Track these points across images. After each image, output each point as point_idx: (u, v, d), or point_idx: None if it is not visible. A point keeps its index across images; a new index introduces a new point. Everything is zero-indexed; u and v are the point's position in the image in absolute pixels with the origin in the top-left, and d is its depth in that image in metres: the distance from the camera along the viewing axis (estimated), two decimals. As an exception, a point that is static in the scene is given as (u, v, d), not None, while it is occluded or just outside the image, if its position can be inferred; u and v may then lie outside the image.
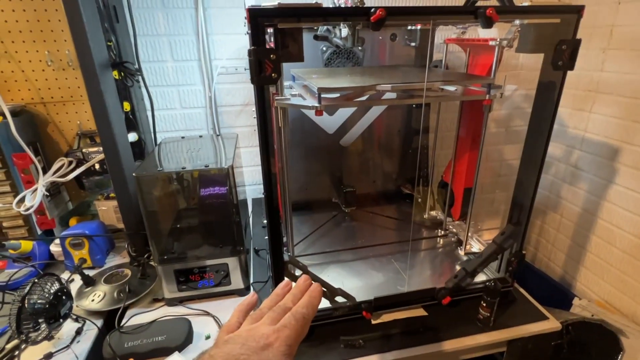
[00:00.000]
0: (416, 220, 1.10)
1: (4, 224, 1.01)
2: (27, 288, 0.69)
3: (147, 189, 0.72)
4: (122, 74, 0.92)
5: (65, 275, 0.93)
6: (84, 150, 1.06)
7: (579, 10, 0.64)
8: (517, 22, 0.68)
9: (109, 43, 0.91)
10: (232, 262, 0.82)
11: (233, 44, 1.17)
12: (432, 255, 0.98)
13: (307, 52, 0.61)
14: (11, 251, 0.93)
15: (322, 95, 0.66)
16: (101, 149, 1.06)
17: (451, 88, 0.78)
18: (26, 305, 0.68)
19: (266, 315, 0.38)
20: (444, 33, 1.10)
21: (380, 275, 0.87)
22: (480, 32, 1.01)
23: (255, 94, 0.61)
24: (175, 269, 0.79)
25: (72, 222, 1.09)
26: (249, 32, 0.58)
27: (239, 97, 1.24)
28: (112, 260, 1.02)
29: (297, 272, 0.76)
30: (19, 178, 0.98)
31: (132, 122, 1.04)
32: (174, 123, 1.24)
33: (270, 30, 0.58)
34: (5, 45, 0.99)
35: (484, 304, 0.76)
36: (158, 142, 1.13)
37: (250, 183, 1.36)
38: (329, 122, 1.14)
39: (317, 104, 0.65)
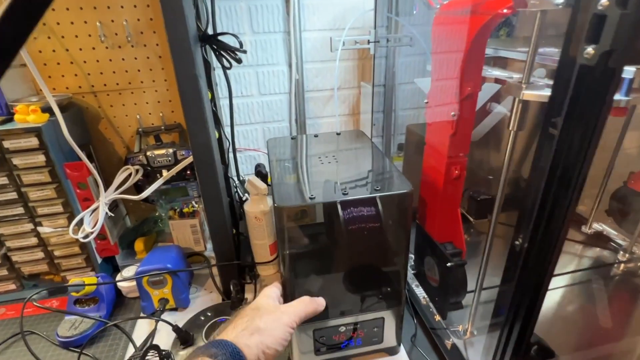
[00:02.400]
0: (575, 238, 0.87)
1: (56, 253, 0.78)
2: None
3: (289, 223, 0.49)
4: (217, 52, 0.66)
5: (145, 327, 0.71)
6: (148, 153, 0.82)
7: None
8: None
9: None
10: (390, 316, 0.59)
11: (330, 9, 0.90)
12: (610, 288, 0.75)
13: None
14: (73, 294, 0.70)
15: None
16: (170, 150, 0.82)
17: None
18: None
19: None
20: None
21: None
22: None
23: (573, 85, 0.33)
24: (316, 328, 0.57)
25: (139, 245, 0.85)
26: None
27: (329, 80, 0.98)
28: (196, 296, 0.79)
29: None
30: (73, 195, 0.74)
31: (215, 115, 0.79)
32: (250, 114, 0.99)
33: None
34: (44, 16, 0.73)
35: None
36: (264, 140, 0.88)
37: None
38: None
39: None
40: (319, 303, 0.52)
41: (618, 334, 0.64)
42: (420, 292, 0.71)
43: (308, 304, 0.50)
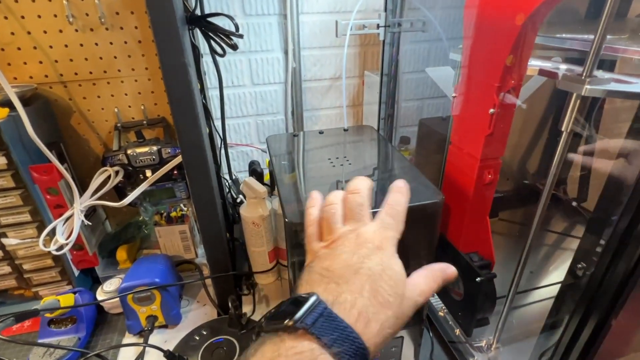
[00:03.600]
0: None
1: (26, 267, 0.69)
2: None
3: (300, 243, 0.42)
4: (208, 36, 0.57)
5: (131, 350, 0.63)
6: (128, 151, 0.72)
7: None
8: None
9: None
10: (409, 335, 0.53)
11: (330, -10, 0.81)
12: None
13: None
14: (47, 315, 0.61)
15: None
16: (154, 148, 0.73)
17: None
18: None
19: (351, 217, 0.32)
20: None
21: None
22: None
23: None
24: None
25: (121, 254, 0.77)
26: None
27: (329, 68, 0.90)
28: (188, 310, 0.72)
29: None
30: (43, 201, 0.64)
31: (205, 109, 0.70)
32: (242, 106, 0.90)
33: None
34: (-2, -10, 0.62)
35: None
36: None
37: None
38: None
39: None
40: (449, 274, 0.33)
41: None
42: (436, 302, 0.65)
43: (438, 279, 0.32)
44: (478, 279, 0.49)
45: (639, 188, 0.29)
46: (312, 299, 0.25)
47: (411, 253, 0.47)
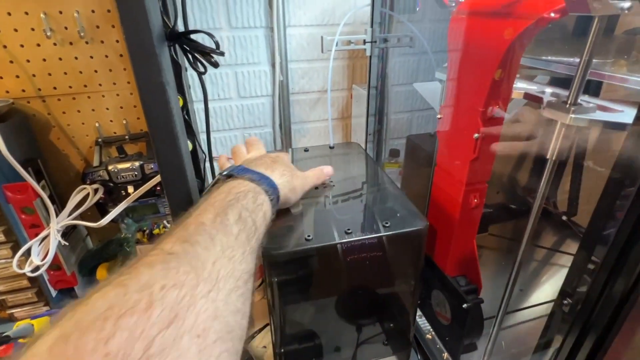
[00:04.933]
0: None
1: (0, 288, 0.66)
2: None
3: (280, 272, 0.40)
4: (190, 53, 0.55)
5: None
6: (110, 167, 0.70)
7: None
8: None
9: (155, -2, 0.54)
10: (397, 358, 0.52)
11: (318, 2, 0.80)
12: None
13: None
14: (21, 340, 0.59)
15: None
16: (136, 164, 0.71)
17: None
18: None
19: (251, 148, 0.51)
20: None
21: None
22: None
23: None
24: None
25: (102, 273, 0.74)
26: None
27: (317, 81, 0.89)
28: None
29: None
30: (17, 222, 0.62)
31: (186, 124, 0.68)
32: (228, 119, 0.88)
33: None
34: (-28, 4, 0.60)
35: None
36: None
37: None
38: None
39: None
40: (326, 173, 0.49)
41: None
42: (424, 323, 0.64)
43: (320, 176, 0.48)
44: (465, 305, 0.47)
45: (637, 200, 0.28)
46: (232, 165, 0.41)
47: (397, 276, 0.46)
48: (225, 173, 0.37)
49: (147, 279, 0.21)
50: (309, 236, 0.39)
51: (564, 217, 0.81)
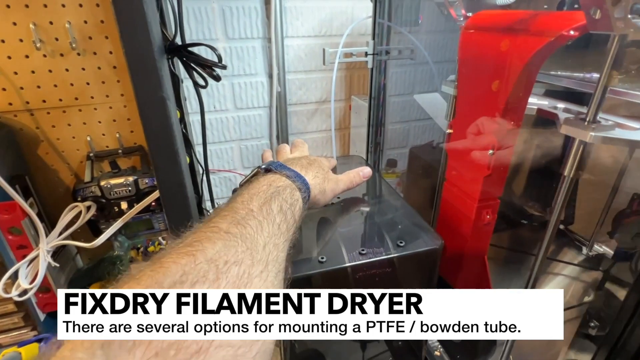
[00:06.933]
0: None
1: (-17, 314, 0.62)
2: None
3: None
4: (189, 67, 0.53)
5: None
6: (102, 183, 0.68)
7: None
8: None
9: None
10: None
11: (315, 13, 0.79)
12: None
13: None
14: (6, 370, 0.55)
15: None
16: (130, 179, 0.69)
17: None
18: None
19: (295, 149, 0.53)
20: None
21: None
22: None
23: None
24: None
25: (93, 294, 0.71)
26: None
27: (314, 92, 0.88)
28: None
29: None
30: (4, 243, 0.58)
31: (185, 139, 0.66)
32: (224, 131, 0.86)
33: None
34: (-44, 14, 0.57)
35: None
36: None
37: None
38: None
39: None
40: (364, 175, 0.49)
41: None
42: (433, 342, 0.63)
43: (353, 180, 0.47)
44: (478, 324, 0.46)
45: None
46: (272, 160, 0.42)
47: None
48: (264, 167, 0.39)
49: (212, 253, 0.23)
50: (322, 258, 0.38)
51: (562, 226, 0.81)
